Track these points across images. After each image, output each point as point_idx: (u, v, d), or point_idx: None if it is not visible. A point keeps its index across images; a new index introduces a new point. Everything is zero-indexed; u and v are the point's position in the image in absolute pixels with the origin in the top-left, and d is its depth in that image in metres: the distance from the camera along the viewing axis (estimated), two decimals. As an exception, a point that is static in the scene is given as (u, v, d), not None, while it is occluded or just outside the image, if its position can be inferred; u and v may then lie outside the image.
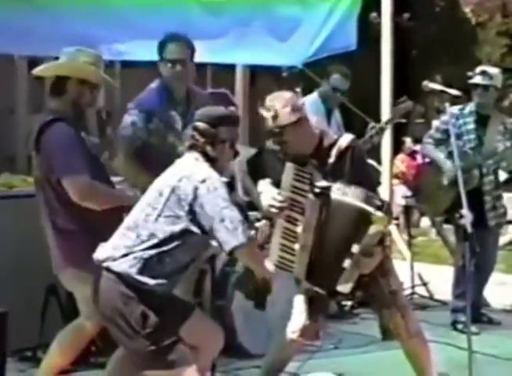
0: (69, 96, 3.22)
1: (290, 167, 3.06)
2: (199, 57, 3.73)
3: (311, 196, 3.00)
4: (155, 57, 3.68)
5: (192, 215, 2.69)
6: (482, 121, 4.78)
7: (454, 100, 3.74)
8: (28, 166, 3.37)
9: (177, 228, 2.70)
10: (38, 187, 3.26)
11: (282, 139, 3.03)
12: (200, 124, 2.81)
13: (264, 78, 11.38)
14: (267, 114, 3.02)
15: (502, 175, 5.13)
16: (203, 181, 2.70)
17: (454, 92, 3.64)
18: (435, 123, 5.07)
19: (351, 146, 3.09)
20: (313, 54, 5.26)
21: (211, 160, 2.80)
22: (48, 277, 3.43)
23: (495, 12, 16.89)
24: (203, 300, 3.91)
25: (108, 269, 2.72)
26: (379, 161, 7.03)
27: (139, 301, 2.67)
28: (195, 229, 2.70)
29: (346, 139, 3.11)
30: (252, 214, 3.51)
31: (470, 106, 4.80)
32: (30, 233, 3.55)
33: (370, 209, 2.97)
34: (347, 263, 3.00)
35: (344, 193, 2.99)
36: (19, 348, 3.78)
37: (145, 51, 4.31)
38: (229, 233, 2.66)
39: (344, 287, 3.05)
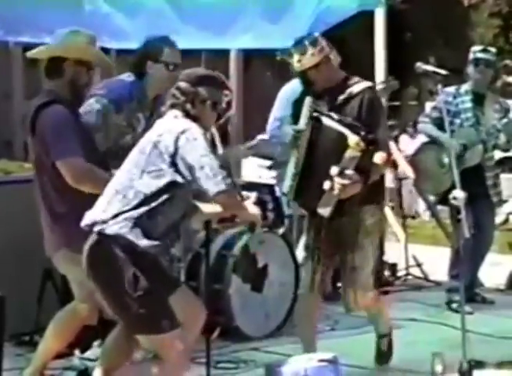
0: (66, 77, 3.20)
1: (308, 101, 3.37)
2: (193, 43, 3.71)
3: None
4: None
5: (175, 166, 2.73)
6: (478, 100, 4.82)
7: (447, 82, 3.76)
8: (25, 152, 3.37)
9: (162, 181, 2.72)
10: (35, 171, 3.26)
11: (308, 80, 3.38)
12: (181, 84, 2.85)
13: (258, 64, 11.36)
14: (291, 60, 3.39)
15: (497, 155, 5.17)
16: (183, 131, 2.74)
17: (446, 73, 3.66)
18: (429, 104, 5.10)
19: (362, 92, 3.37)
20: (309, 32, 5.23)
21: (192, 119, 2.82)
22: (45, 262, 3.45)
23: (488, -7, 16.87)
24: (199, 284, 3.94)
25: (99, 233, 2.73)
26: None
27: (131, 264, 2.68)
28: (180, 179, 2.73)
29: (361, 86, 3.41)
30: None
31: (466, 86, 4.84)
32: (27, 219, 3.56)
33: (347, 132, 3.20)
34: (326, 185, 3.19)
35: (337, 121, 3.25)
36: (17, 332, 3.79)
37: (138, 39, 4.30)
38: (210, 179, 2.70)
39: (324, 211, 3.25)
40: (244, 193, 3.05)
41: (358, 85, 3.41)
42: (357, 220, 3.40)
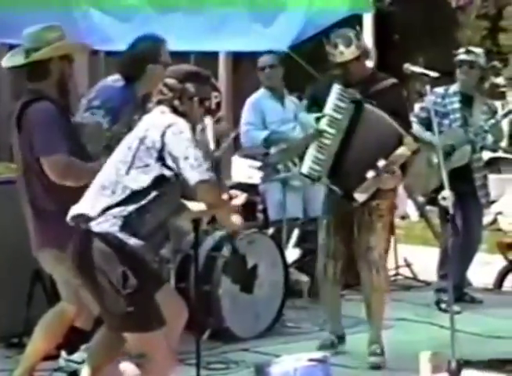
0: (53, 77, 3.18)
1: (336, 88, 3.63)
2: (183, 45, 3.71)
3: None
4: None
5: (162, 160, 2.73)
6: (467, 101, 4.85)
7: (435, 83, 3.79)
8: (11, 153, 3.35)
9: (149, 177, 2.72)
10: (20, 170, 3.24)
11: (346, 71, 3.65)
12: (169, 80, 2.85)
13: (247, 65, 11.36)
14: (334, 51, 3.63)
15: (485, 156, 5.21)
16: (169, 126, 2.75)
17: (434, 74, 3.69)
18: (418, 105, 5.12)
19: (393, 86, 3.67)
20: (299, 35, 5.26)
21: (180, 115, 2.82)
22: (34, 263, 3.43)
23: (475, -5, 16.97)
24: (188, 285, 3.93)
25: (87, 230, 2.72)
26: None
27: (120, 262, 2.68)
28: (167, 172, 2.74)
29: (391, 80, 3.72)
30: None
31: (455, 87, 4.87)
32: (15, 220, 3.54)
33: (403, 132, 3.46)
34: (370, 174, 3.47)
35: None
36: (6, 334, 3.78)
37: (126, 40, 4.29)
38: (194, 169, 2.71)
39: (360, 196, 3.50)
40: (233, 191, 3.03)
41: (388, 80, 3.71)
42: (371, 204, 3.63)
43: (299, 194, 4.82)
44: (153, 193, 2.74)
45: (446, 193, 3.40)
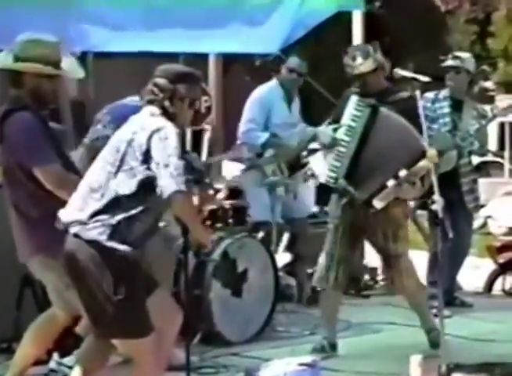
0: (26, 88, 3.16)
1: (354, 99, 3.80)
2: (171, 47, 3.71)
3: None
4: (125, 48, 3.64)
5: (147, 164, 2.71)
6: (456, 105, 4.87)
7: (426, 87, 3.81)
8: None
9: (135, 180, 2.70)
10: (4, 177, 3.22)
11: (363, 83, 3.82)
12: (160, 80, 2.82)
13: (237, 67, 11.36)
14: (352, 63, 3.78)
15: (475, 160, 5.23)
16: (157, 130, 2.72)
17: (424, 78, 3.71)
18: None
19: (408, 99, 3.81)
20: (290, 36, 5.26)
21: (170, 117, 2.80)
22: (24, 268, 3.41)
23: (464, 0, 17.07)
24: (179, 290, 3.92)
25: (77, 235, 2.71)
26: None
27: (110, 268, 2.67)
28: (152, 174, 2.71)
29: (406, 93, 3.88)
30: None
31: (445, 92, 4.89)
32: (2, 225, 3.52)
33: (425, 144, 3.57)
34: (391, 183, 3.59)
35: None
36: (-5, 340, 3.77)
37: (115, 42, 4.28)
38: (172, 178, 2.66)
39: (378, 203, 3.63)
40: (220, 186, 3.03)
41: (403, 92, 3.91)
42: (392, 212, 3.77)
43: (279, 200, 4.82)
44: (142, 203, 2.72)
45: (436, 197, 3.42)
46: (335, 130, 3.80)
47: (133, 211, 2.70)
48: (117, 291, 2.66)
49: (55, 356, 3.41)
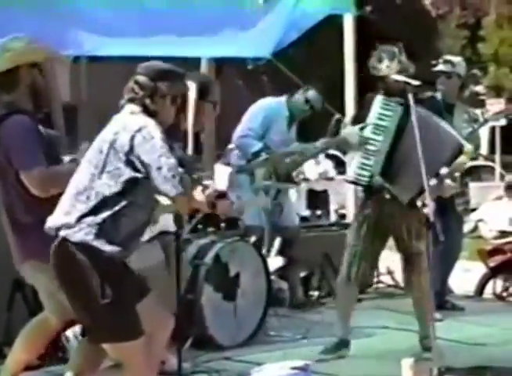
0: (23, 85, 3.15)
1: (379, 98, 3.88)
2: (164, 51, 3.71)
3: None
4: (118, 53, 3.64)
5: (131, 164, 2.69)
6: (448, 109, 4.90)
7: (418, 91, 3.84)
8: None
9: (120, 181, 2.69)
10: None
11: (388, 84, 3.86)
12: (140, 78, 2.80)
13: (229, 71, 11.37)
14: (379, 65, 3.87)
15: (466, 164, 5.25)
16: (139, 130, 2.70)
17: (416, 82, 3.73)
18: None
19: (430, 98, 4.09)
20: (282, 40, 5.26)
21: (151, 114, 2.78)
22: (15, 273, 3.40)
23: (454, 4, 17.17)
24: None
25: (64, 239, 2.70)
26: (344, 152, 7.08)
27: (98, 270, 2.66)
28: (138, 175, 2.70)
29: (429, 93, 4.13)
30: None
31: (437, 96, 4.91)
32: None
33: (462, 140, 3.72)
34: (432, 182, 3.61)
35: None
36: (-15, 345, 3.75)
37: (108, 47, 4.28)
38: (168, 181, 2.66)
39: (420, 202, 3.65)
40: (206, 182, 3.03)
41: (425, 93, 4.10)
42: (416, 210, 3.79)
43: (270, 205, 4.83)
44: (127, 199, 2.70)
45: (427, 200, 3.43)
46: (361, 129, 3.85)
47: (117, 207, 2.68)
48: (105, 293, 2.64)
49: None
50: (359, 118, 3.99)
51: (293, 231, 5.02)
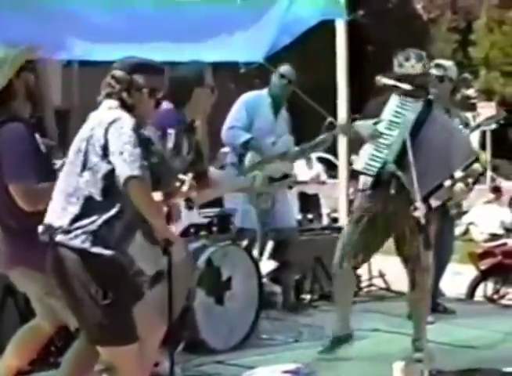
0: (20, 93, 3.15)
1: (395, 97, 3.90)
2: (156, 56, 3.70)
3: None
4: (111, 58, 3.63)
5: (106, 157, 2.69)
6: None
7: (411, 95, 3.86)
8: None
9: (99, 176, 2.68)
10: None
11: (411, 84, 3.89)
12: (116, 72, 2.80)
13: (221, 75, 11.36)
14: (405, 63, 3.93)
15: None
16: (113, 121, 2.69)
17: (406, 86, 3.76)
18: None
19: None
20: (275, 45, 5.27)
21: (128, 108, 2.77)
22: (5, 278, 3.39)
23: (445, 8, 17.25)
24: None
25: (60, 244, 2.70)
26: (335, 155, 7.10)
27: (97, 273, 2.67)
28: (113, 168, 2.68)
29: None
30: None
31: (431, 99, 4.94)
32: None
33: (479, 150, 3.91)
34: (447, 183, 3.70)
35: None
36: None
37: (101, 52, 4.28)
38: (126, 164, 2.62)
39: (434, 202, 3.70)
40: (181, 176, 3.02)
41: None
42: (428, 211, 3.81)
43: (258, 208, 4.84)
44: (114, 198, 2.69)
45: (418, 204, 3.45)
46: (375, 124, 3.87)
47: (111, 213, 2.69)
48: (105, 296, 2.65)
49: None
50: (368, 114, 3.99)
51: (290, 232, 5.02)
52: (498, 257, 5.62)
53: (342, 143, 6.36)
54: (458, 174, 3.74)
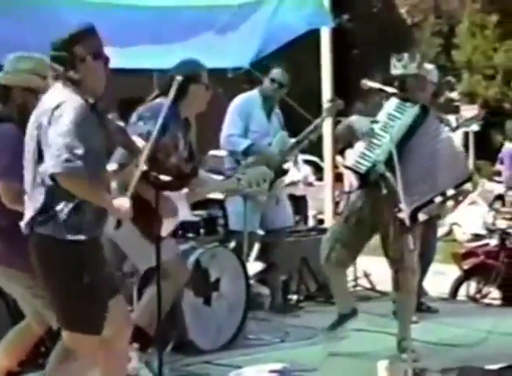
0: (14, 103, 3.21)
1: (394, 100, 3.90)
2: (140, 63, 3.75)
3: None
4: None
5: None
6: None
7: (393, 97, 3.92)
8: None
9: (50, 163, 2.68)
10: None
11: (403, 84, 3.92)
12: (53, 53, 2.78)
13: (209, 79, 11.37)
14: (398, 63, 3.93)
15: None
16: (56, 107, 2.67)
17: (391, 89, 3.83)
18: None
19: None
20: (260, 51, 5.32)
21: (78, 84, 2.73)
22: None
23: (429, 13, 17.38)
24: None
25: (36, 233, 2.73)
26: (321, 157, 7.17)
27: (72, 258, 2.70)
28: None
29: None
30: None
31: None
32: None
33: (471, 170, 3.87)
34: (438, 199, 3.71)
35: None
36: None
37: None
38: (51, 159, 2.63)
39: (422, 216, 3.75)
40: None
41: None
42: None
43: (258, 209, 4.89)
44: None
45: (402, 205, 3.51)
46: (372, 123, 3.89)
47: (76, 200, 2.70)
48: (82, 281, 2.68)
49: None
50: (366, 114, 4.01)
51: (282, 233, 5.04)
52: (480, 257, 5.68)
53: (327, 146, 6.44)
54: (450, 192, 3.78)
